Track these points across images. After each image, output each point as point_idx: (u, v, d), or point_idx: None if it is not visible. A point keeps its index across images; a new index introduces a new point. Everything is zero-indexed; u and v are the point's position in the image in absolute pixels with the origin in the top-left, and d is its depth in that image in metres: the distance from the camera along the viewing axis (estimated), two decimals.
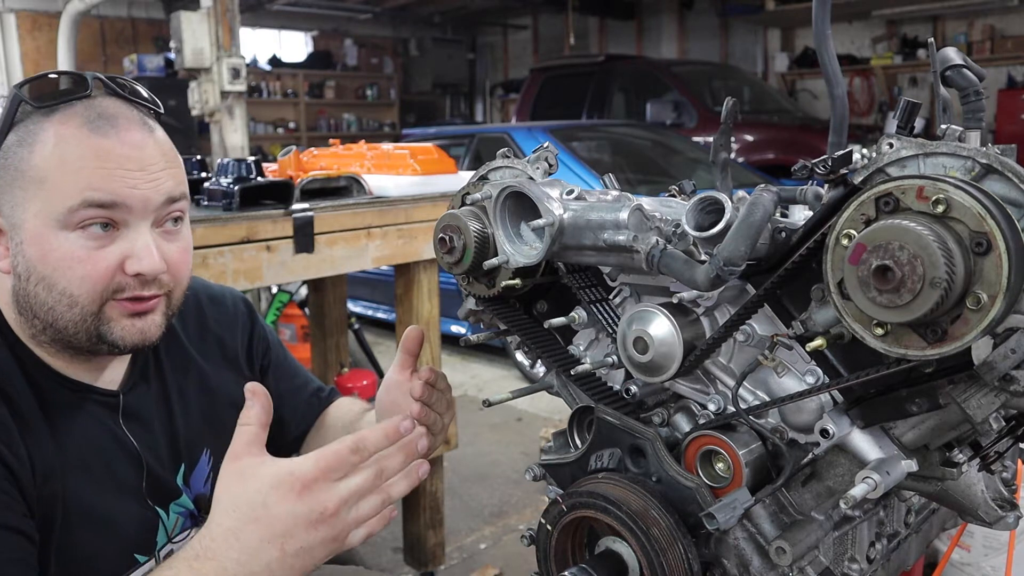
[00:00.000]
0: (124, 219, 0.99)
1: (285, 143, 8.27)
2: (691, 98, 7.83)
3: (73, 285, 0.98)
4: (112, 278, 0.99)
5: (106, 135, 0.97)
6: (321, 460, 0.81)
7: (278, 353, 1.40)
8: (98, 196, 0.96)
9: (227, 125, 5.45)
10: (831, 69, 0.95)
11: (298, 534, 0.80)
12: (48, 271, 0.97)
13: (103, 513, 1.04)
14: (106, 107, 1.00)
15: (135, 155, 0.98)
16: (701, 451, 0.95)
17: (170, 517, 1.14)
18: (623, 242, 0.90)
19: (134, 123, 1.01)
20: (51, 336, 1.02)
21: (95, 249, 0.97)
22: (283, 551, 0.80)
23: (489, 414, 4.06)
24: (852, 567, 0.95)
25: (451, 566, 2.77)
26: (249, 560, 0.80)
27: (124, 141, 0.98)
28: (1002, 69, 8.59)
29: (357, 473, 0.83)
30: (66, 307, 0.99)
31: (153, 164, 1.00)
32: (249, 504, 0.81)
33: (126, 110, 1.02)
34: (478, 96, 13.81)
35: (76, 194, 0.95)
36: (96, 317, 1.00)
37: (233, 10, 5.38)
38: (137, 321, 1.02)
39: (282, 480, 0.80)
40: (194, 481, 1.19)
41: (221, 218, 2.01)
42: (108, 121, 0.98)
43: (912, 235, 0.68)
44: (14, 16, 9.70)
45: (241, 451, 0.84)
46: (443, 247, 1.08)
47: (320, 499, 0.80)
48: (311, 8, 11.43)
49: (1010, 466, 1.01)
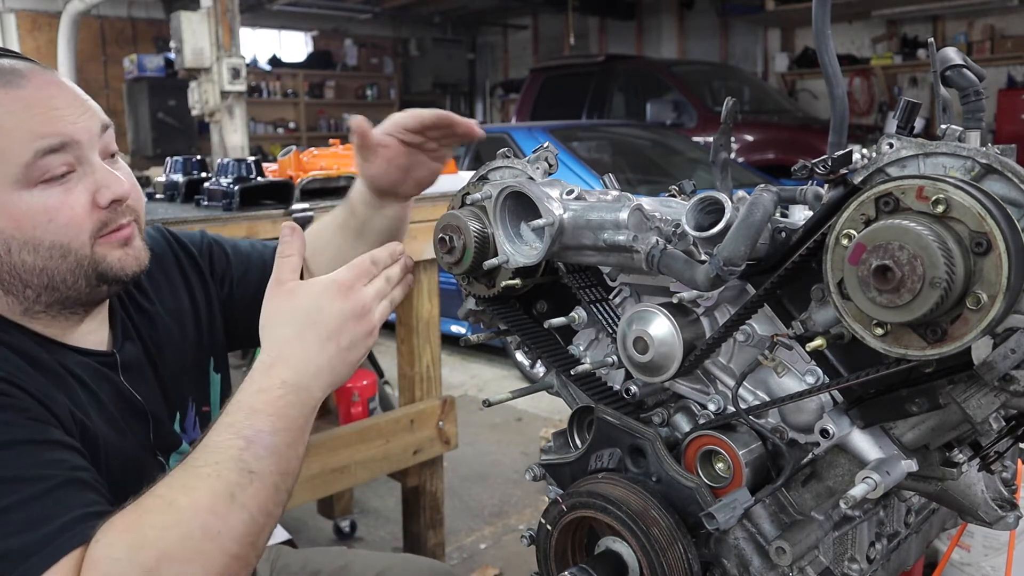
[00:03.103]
0: (77, 157, 0.99)
1: (285, 143, 8.27)
2: (691, 98, 7.84)
3: (59, 235, 0.98)
4: (92, 217, 1.00)
5: (21, 86, 0.96)
6: (353, 268, 0.97)
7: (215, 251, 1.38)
8: (48, 142, 0.95)
9: (227, 125, 5.45)
10: (831, 69, 0.95)
11: (348, 328, 0.95)
12: (28, 233, 0.97)
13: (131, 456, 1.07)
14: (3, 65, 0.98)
15: (58, 94, 0.98)
16: (701, 451, 0.95)
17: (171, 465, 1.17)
18: (623, 242, 0.90)
19: (36, 70, 1.00)
20: (47, 300, 1.02)
21: (64, 194, 0.97)
22: (339, 345, 0.94)
23: (489, 414, 4.06)
24: (852, 567, 0.95)
25: (451, 566, 2.77)
26: (315, 357, 0.93)
27: (39, 85, 0.98)
28: (1002, 69, 8.60)
29: (377, 279, 0.99)
30: (59, 259, 0.99)
31: (76, 98, 1.00)
32: (305, 311, 0.94)
33: (23, 64, 1.00)
34: (478, 96, 13.81)
35: (25, 149, 0.94)
36: (91, 259, 1.00)
37: (233, 10, 5.38)
38: (128, 249, 1.04)
39: (328, 286, 0.95)
40: (188, 427, 1.23)
41: (221, 218, 2.01)
42: (14, 74, 0.97)
43: (912, 235, 0.68)
44: (14, 16, 9.71)
45: (286, 276, 0.98)
46: (443, 247, 1.09)
47: (359, 297, 0.96)
48: (311, 8, 11.43)
49: (1010, 466, 1.01)
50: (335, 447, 2.35)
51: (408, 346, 2.55)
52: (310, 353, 0.93)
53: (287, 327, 0.94)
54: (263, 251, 1.42)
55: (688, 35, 11.24)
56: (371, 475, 2.49)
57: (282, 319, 0.95)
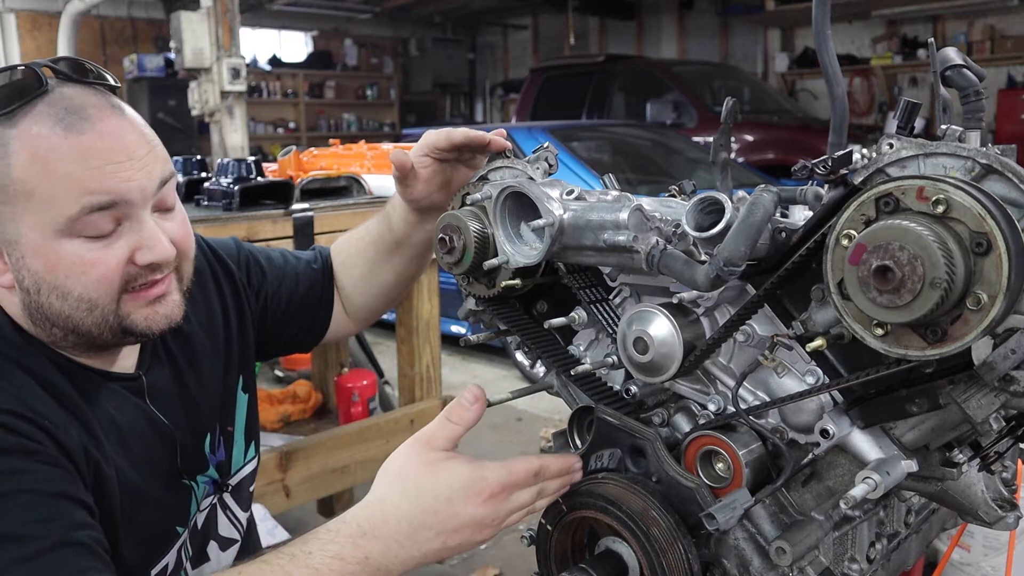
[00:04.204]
0: (126, 213, 0.96)
1: (285, 143, 8.28)
2: (691, 98, 7.83)
3: (90, 289, 0.95)
4: (123, 272, 0.97)
5: (82, 131, 0.92)
6: (511, 475, 0.87)
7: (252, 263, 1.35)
8: (97, 200, 0.92)
9: (227, 125, 5.45)
10: (831, 69, 0.95)
11: (466, 533, 0.86)
12: (59, 280, 0.95)
13: (149, 491, 1.05)
14: (70, 99, 0.94)
15: (119, 145, 0.94)
16: (701, 451, 0.95)
17: (199, 487, 1.16)
18: (623, 242, 0.90)
19: (105, 110, 0.95)
20: (73, 341, 1.00)
21: (103, 249, 0.95)
22: (444, 544, 0.86)
23: (489, 414, 4.03)
24: (852, 567, 0.95)
25: (451, 566, 2.77)
26: (413, 545, 0.85)
27: (102, 133, 0.93)
28: (1002, 69, 8.59)
29: (529, 489, 0.90)
30: (86, 312, 0.96)
31: (137, 150, 0.96)
32: (434, 495, 0.85)
33: (91, 97, 0.96)
34: (478, 96, 13.81)
35: (73, 202, 0.91)
36: (116, 315, 0.98)
37: (233, 10, 5.38)
38: (158, 307, 1.01)
39: (475, 483, 0.85)
40: (215, 449, 1.21)
41: (221, 218, 2.01)
42: (78, 115, 0.93)
43: (912, 235, 0.68)
44: (14, 16, 9.71)
45: (440, 443, 0.89)
46: (443, 247, 1.09)
47: (499, 508, 0.86)
48: (311, 8, 11.43)
49: (1010, 466, 1.01)
50: (335, 447, 2.35)
51: (408, 346, 2.56)
52: (412, 542, 0.85)
53: (407, 502, 0.85)
54: (296, 264, 1.39)
55: (688, 35, 11.24)
56: (371, 475, 2.48)
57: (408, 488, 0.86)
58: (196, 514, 1.17)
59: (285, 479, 2.22)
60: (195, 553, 1.18)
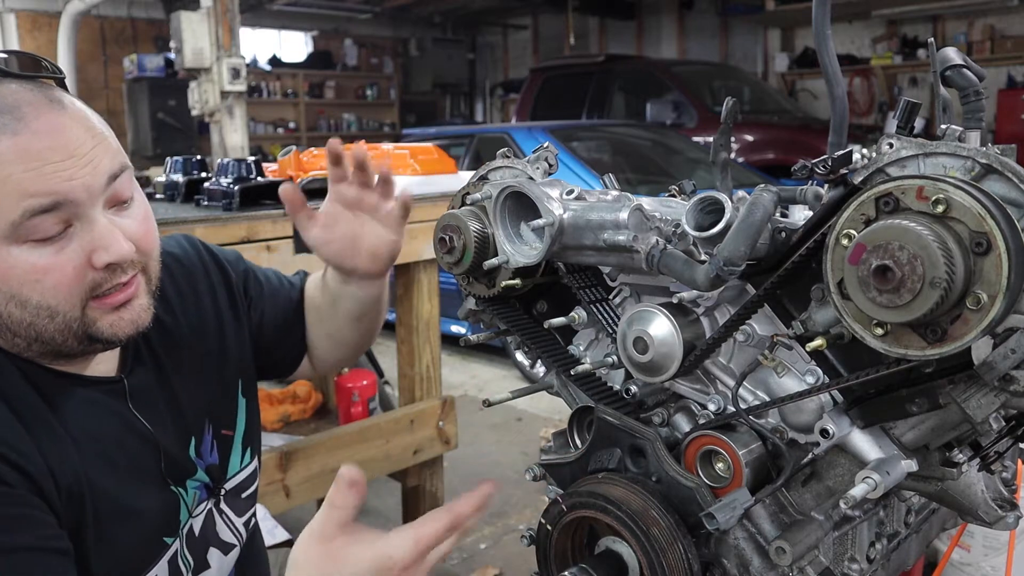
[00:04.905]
0: (74, 214, 0.90)
1: (285, 143, 8.27)
2: (691, 98, 7.83)
3: (47, 296, 0.91)
4: (85, 277, 0.92)
5: (16, 132, 0.86)
6: (420, 542, 0.83)
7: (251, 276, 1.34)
8: (38, 202, 0.87)
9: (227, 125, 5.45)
10: (831, 69, 0.95)
11: None
12: (15, 289, 0.90)
13: (129, 504, 1.02)
14: (3, 98, 0.88)
15: (58, 143, 0.88)
16: (701, 451, 0.95)
17: (189, 493, 1.13)
18: (623, 242, 0.90)
19: (41, 107, 0.89)
20: (39, 349, 0.96)
21: (55, 253, 0.90)
22: None
23: (489, 414, 4.06)
24: (852, 567, 0.95)
25: (451, 566, 2.77)
26: None
27: (38, 131, 0.87)
28: (1002, 69, 8.59)
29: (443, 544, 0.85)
30: (47, 319, 0.92)
31: (80, 146, 0.90)
32: None
33: (25, 93, 0.89)
34: (478, 96, 13.81)
35: (14, 207, 0.86)
36: (80, 321, 0.94)
37: (233, 10, 5.38)
38: (124, 312, 0.97)
39: (382, 563, 0.82)
40: (203, 452, 1.18)
41: (221, 218, 2.01)
42: (11, 115, 0.87)
43: (912, 235, 0.68)
44: (14, 16, 9.71)
45: (332, 533, 0.85)
46: (443, 247, 1.09)
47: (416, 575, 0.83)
48: (311, 8, 11.43)
49: (1010, 466, 1.01)
50: (335, 447, 2.35)
51: (408, 346, 2.55)
52: None
53: None
54: (289, 289, 1.37)
55: (688, 35, 11.24)
56: (371, 475, 2.49)
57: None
58: (189, 520, 1.13)
59: (285, 479, 2.22)
60: (196, 561, 1.15)
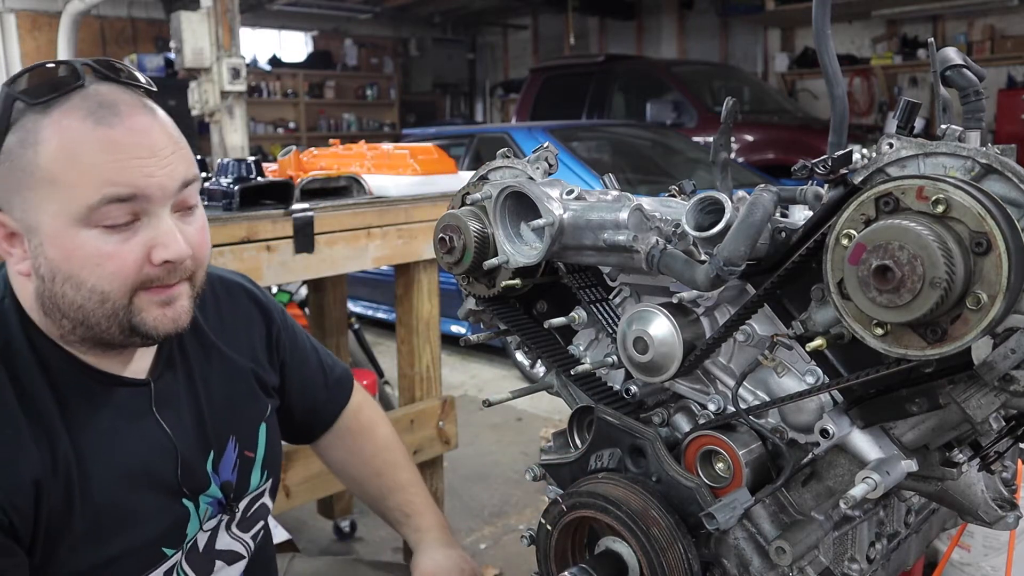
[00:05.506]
0: (144, 209, 0.97)
1: (285, 143, 8.27)
2: (691, 98, 7.83)
3: (104, 281, 0.96)
4: (141, 270, 0.98)
5: (111, 125, 0.95)
6: None
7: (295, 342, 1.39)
8: (117, 191, 0.94)
9: (227, 125, 5.45)
10: (831, 69, 0.95)
11: None
12: (75, 270, 0.96)
13: (129, 509, 1.04)
14: (104, 95, 0.97)
15: (145, 142, 0.96)
16: (701, 451, 0.95)
17: (201, 507, 1.14)
18: (623, 242, 0.90)
19: (136, 108, 0.98)
20: (81, 334, 1.01)
21: (120, 243, 0.96)
22: None
23: (489, 414, 4.06)
24: (852, 567, 0.95)
25: None
26: None
27: (131, 128, 0.96)
28: (1002, 69, 8.59)
29: None
30: (97, 304, 0.97)
31: (163, 149, 0.98)
32: None
33: (124, 95, 0.99)
34: (478, 96, 13.81)
35: (94, 192, 0.93)
36: (127, 310, 0.99)
37: (233, 10, 5.38)
38: (167, 310, 1.01)
39: None
40: (222, 469, 1.19)
41: (221, 218, 2.01)
42: (110, 110, 0.96)
43: (912, 235, 0.68)
44: (14, 16, 9.71)
45: None
46: (443, 247, 1.08)
47: None
48: (311, 8, 11.42)
49: (1010, 466, 1.01)
50: None
51: (408, 346, 2.55)
52: None
53: None
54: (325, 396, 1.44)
55: (688, 35, 11.24)
56: None
57: None
58: (197, 534, 1.14)
59: (285, 479, 2.21)
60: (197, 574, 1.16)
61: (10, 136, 0.96)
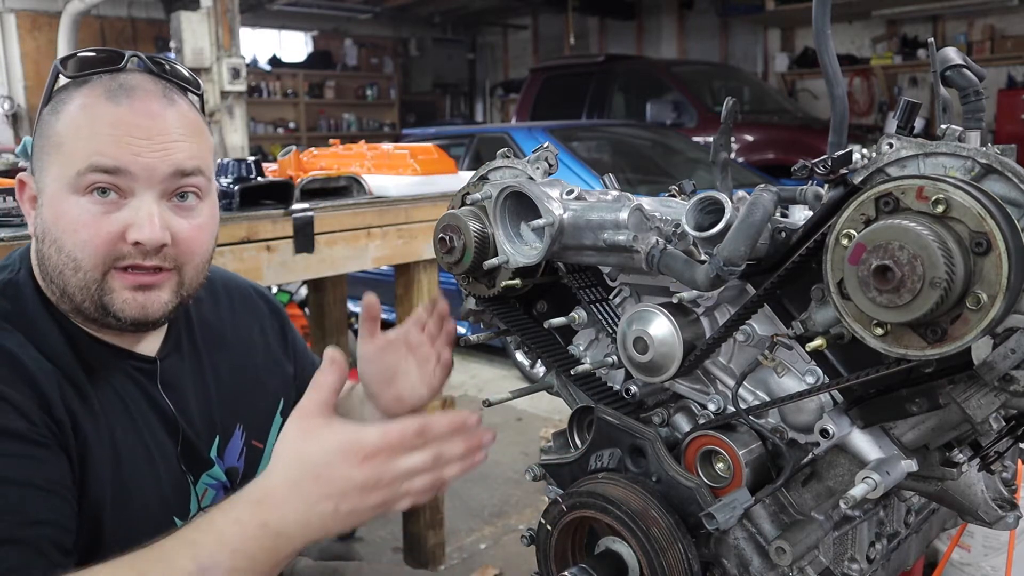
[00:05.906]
0: (130, 187, 1.00)
1: (285, 143, 8.27)
2: (691, 98, 7.83)
3: (77, 248, 0.99)
4: (113, 245, 1.00)
5: (119, 103, 1.00)
6: (386, 435, 0.85)
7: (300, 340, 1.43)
8: (102, 161, 0.98)
9: (227, 125, 5.45)
10: (831, 69, 0.95)
11: (352, 496, 0.84)
12: (59, 233, 1.00)
13: (147, 472, 1.07)
14: (130, 80, 1.03)
15: (145, 124, 1.00)
16: (701, 451, 0.95)
17: (199, 487, 1.16)
18: (623, 242, 0.90)
19: (154, 95, 1.02)
20: (68, 307, 1.04)
21: (100, 215, 0.99)
22: (336, 509, 0.84)
23: (489, 414, 4.05)
24: (852, 567, 0.95)
25: (451, 566, 2.77)
26: (307, 511, 0.84)
27: (136, 110, 1.00)
28: (1002, 69, 8.59)
29: (417, 453, 0.86)
30: (72, 271, 1.00)
31: (164, 135, 1.01)
32: (313, 462, 0.85)
33: (150, 83, 1.04)
34: (478, 96, 13.81)
35: (84, 159, 0.98)
36: (99, 286, 1.01)
37: (233, 10, 5.38)
38: (139, 295, 1.02)
39: (348, 446, 0.84)
40: (228, 455, 1.21)
41: (221, 218, 2.01)
42: (127, 92, 1.01)
43: (912, 235, 0.68)
44: (14, 16, 9.70)
45: (312, 410, 0.88)
46: (443, 247, 1.09)
47: (378, 470, 0.84)
48: (311, 8, 11.42)
49: (1010, 466, 1.01)
50: None
51: None
52: (303, 505, 0.84)
53: (291, 468, 0.86)
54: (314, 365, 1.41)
55: (688, 35, 11.24)
56: None
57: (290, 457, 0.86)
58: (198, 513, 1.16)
59: None
60: None
61: (48, 106, 1.04)
